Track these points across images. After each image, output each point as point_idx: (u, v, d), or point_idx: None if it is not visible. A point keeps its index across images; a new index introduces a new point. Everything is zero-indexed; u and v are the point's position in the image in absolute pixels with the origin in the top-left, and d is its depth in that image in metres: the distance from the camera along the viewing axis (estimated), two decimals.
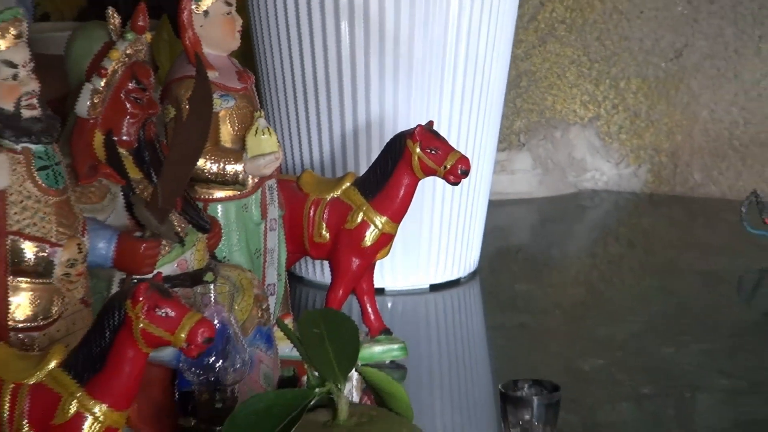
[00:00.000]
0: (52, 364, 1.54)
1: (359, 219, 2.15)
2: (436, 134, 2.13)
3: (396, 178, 2.14)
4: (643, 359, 2.25)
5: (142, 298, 1.49)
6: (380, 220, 2.15)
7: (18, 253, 1.64)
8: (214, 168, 1.99)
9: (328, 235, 2.16)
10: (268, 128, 2.01)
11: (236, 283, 1.90)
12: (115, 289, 1.78)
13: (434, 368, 2.30)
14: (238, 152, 2.00)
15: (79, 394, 1.52)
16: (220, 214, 1.99)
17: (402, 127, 2.24)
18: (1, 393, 1.54)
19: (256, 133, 2.00)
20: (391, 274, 2.43)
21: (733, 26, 3.30)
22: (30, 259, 1.65)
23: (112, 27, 1.78)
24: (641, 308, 2.53)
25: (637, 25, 3.23)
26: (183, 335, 1.49)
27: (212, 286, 1.80)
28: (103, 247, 1.74)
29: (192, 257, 1.86)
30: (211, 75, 1.94)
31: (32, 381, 1.54)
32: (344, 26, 2.39)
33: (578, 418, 2.02)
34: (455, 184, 2.16)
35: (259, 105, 2.08)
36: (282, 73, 2.49)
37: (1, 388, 1.54)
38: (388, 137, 2.20)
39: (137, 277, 1.74)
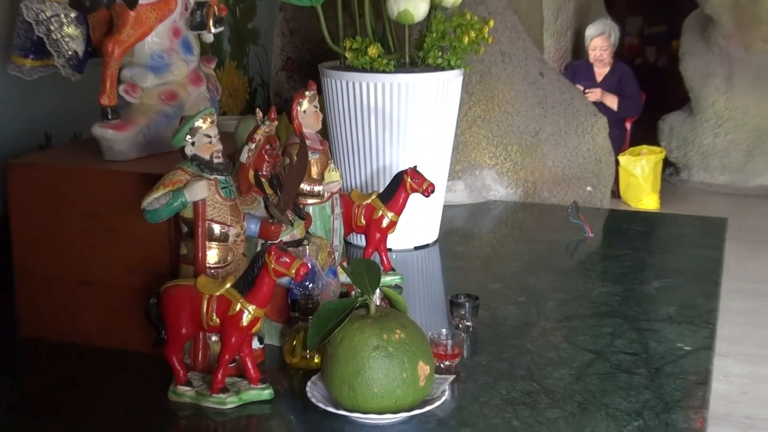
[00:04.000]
0: (228, 285, 1.52)
1: (380, 214, 2.12)
2: (419, 172, 2.11)
3: (398, 194, 2.12)
4: (520, 284, 2.22)
5: (273, 253, 1.48)
6: (390, 215, 2.12)
7: (210, 230, 1.63)
8: (307, 188, 1.96)
9: (364, 222, 2.13)
10: (335, 168, 1.99)
11: (319, 245, 1.88)
12: (258, 248, 1.76)
13: (416, 288, 2.26)
14: (320, 180, 1.97)
15: (241, 300, 1.50)
16: (310, 211, 1.97)
17: (401, 168, 2.21)
18: (201, 299, 1.52)
19: (329, 170, 1.98)
20: (395, 240, 2.40)
21: (563, 120, 3.27)
22: (217, 233, 1.63)
23: (258, 118, 1.75)
24: (518, 259, 2.50)
25: (517, 119, 3.19)
26: (293, 271, 1.47)
27: (307, 247, 1.79)
28: (253, 227, 1.72)
29: (297, 233, 1.84)
30: (307, 142, 1.91)
31: (218, 293, 1.52)
32: (372, 117, 2.36)
33: (488, 314, 1.99)
34: (427, 197, 2.13)
35: (330, 156, 2.05)
36: (342, 141, 2.46)
37: (202, 297, 1.52)
38: (394, 172, 2.18)
39: (270, 242, 1.72)
